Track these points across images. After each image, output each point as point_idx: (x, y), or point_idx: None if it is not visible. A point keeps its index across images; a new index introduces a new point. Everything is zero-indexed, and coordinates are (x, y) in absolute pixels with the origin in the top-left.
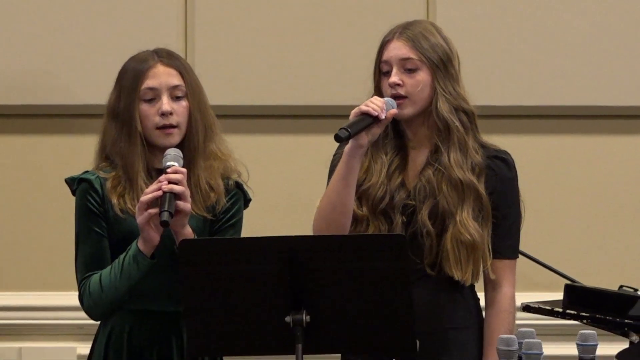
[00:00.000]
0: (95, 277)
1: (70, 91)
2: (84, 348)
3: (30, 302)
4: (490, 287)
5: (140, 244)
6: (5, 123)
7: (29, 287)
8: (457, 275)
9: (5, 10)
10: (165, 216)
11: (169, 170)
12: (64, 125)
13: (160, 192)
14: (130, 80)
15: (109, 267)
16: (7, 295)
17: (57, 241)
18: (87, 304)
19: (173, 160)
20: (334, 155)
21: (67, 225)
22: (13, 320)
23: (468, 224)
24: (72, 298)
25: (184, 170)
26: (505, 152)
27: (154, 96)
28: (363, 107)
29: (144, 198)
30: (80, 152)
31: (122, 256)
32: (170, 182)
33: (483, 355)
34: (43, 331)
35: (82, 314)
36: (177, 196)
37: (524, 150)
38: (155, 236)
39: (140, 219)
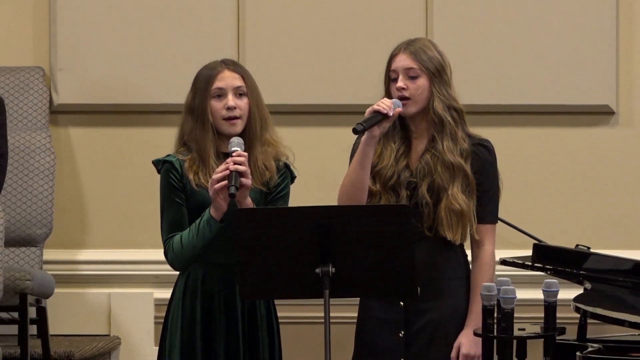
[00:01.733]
0: (177, 237)
1: (149, 93)
2: (159, 293)
3: (117, 257)
4: (475, 245)
5: (212, 211)
6: (103, 118)
7: (116, 245)
8: (449, 236)
9: (105, 31)
10: (233, 190)
11: (234, 154)
12: (145, 119)
13: (228, 171)
14: (203, 82)
15: (187, 230)
16: (100, 252)
17: (140, 210)
18: (171, 258)
19: (237, 146)
20: (353, 145)
21: (148, 197)
22: (104, 271)
23: (458, 197)
24: (149, 254)
25: (246, 153)
26: (487, 141)
27: (221, 94)
28: (375, 107)
29: (216, 176)
30: (157, 140)
31: (197, 221)
32: (235, 163)
33: (470, 299)
34: (127, 280)
35: (158, 266)
36: (240, 174)
37: (502, 139)
38: (224, 205)
39: (212, 191)
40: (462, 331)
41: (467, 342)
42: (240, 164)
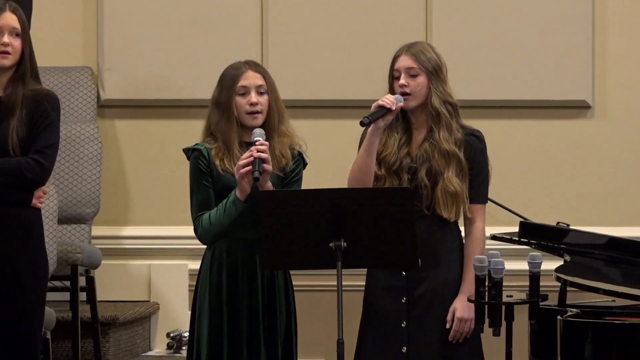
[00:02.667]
0: (205, 216)
1: (183, 89)
2: (192, 264)
3: (156, 233)
4: (468, 222)
5: (237, 193)
6: (144, 111)
7: (155, 222)
8: (445, 214)
9: (145, 35)
10: (257, 174)
11: (257, 143)
12: (179, 112)
13: (252, 158)
14: (229, 81)
15: (215, 209)
16: (141, 228)
17: (176, 191)
18: (200, 234)
19: (259, 136)
20: (361, 135)
21: (183, 180)
22: (145, 245)
23: (452, 180)
24: (184, 230)
25: (267, 142)
26: (478, 131)
27: (245, 92)
28: (380, 102)
29: (241, 162)
30: (189, 130)
31: (224, 201)
32: (258, 151)
33: (463, 270)
34: (165, 253)
35: (192, 240)
36: (263, 160)
37: (492, 130)
38: (248, 188)
39: (238, 175)
40: (457, 297)
41: (461, 307)
42: (262, 152)
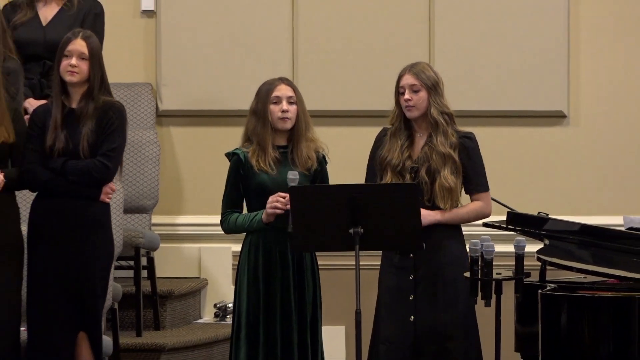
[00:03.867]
0: (233, 217)
1: (227, 101)
2: (235, 247)
3: (205, 221)
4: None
5: (264, 217)
6: (195, 120)
7: (204, 212)
8: (442, 205)
9: (196, 55)
10: (290, 229)
11: (289, 195)
12: (224, 120)
13: (284, 209)
14: (265, 92)
15: (242, 215)
16: (193, 217)
17: (222, 187)
18: (224, 227)
19: (294, 182)
20: (374, 140)
21: (224, 177)
22: (196, 231)
23: (448, 178)
24: None
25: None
26: (470, 133)
27: (277, 101)
28: (273, 210)
29: (276, 204)
30: (233, 135)
31: (252, 215)
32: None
33: (446, 213)
34: (212, 237)
35: None
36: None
37: (482, 136)
38: (272, 219)
39: (269, 209)
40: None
41: (425, 213)
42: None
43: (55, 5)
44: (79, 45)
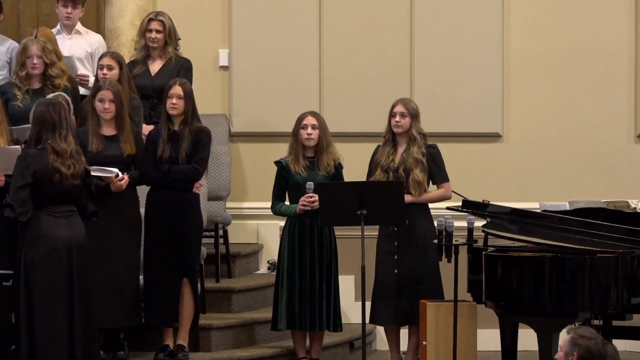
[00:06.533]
0: (278, 205)
1: (279, 124)
2: (281, 222)
3: (262, 206)
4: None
5: (297, 210)
6: (256, 138)
7: (262, 199)
8: (413, 192)
9: (256, 91)
10: (307, 221)
11: (312, 196)
12: (278, 138)
13: (311, 206)
14: (298, 121)
15: (285, 205)
16: (253, 203)
17: (272, 184)
18: (273, 211)
19: (310, 189)
20: (372, 154)
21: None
22: (255, 213)
23: (418, 175)
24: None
25: (316, 195)
26: (434, 144)
27: (305, 127)
28: (303, 208)
29: (306, 202)
30: (279, 148)
31: (291, 206)
32: (313, 203)
33: (418, 197)
34: (265, 217)
35: None
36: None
37: (440, 148)
38: (301, 212)
39: (300, 207)
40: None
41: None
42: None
43: (160, 62)
44: (177, 89)
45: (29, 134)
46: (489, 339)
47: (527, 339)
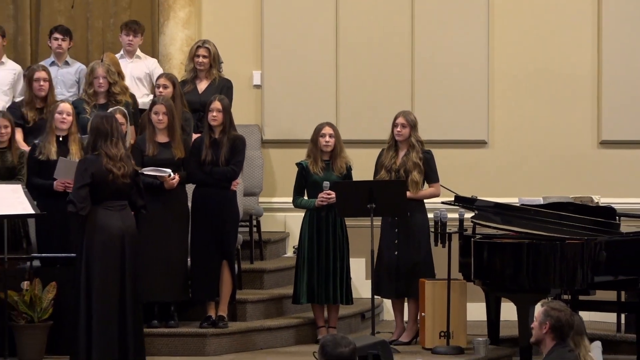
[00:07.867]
0: (299, 199)
1: (300, 133)
2: (303, 215)
3: (287, 200)
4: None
5: (316, 204)
6: (284, 144)
7: (287, 195)
8: (411, 190)
9: (281, 105)
10: (323, 214)
11: (329, 194)
12: (299, 145)
13: (328, 201)
14: (316, 130)
15: (305, 200)
16: (281, 198)
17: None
18: (294, 205)
19: (326, 187)
20: (377, 157)
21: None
22: (282, 206)
23: (416, 176)
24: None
25: (333, 192)
26: (429, 150)
27: (323, 136)
28: (322, 202)
29: (323, 197)
30: (301, 153)
31: (310, 200)
32: (330, 198)
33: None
34: (291, 210)
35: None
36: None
37: (437, 152)
38: (319, 206)
39: (318, 201)
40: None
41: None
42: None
43: (206, 82)
44: (217, 104)
45: (87, 141)
46: (477, 311)
47: (508, 311)
